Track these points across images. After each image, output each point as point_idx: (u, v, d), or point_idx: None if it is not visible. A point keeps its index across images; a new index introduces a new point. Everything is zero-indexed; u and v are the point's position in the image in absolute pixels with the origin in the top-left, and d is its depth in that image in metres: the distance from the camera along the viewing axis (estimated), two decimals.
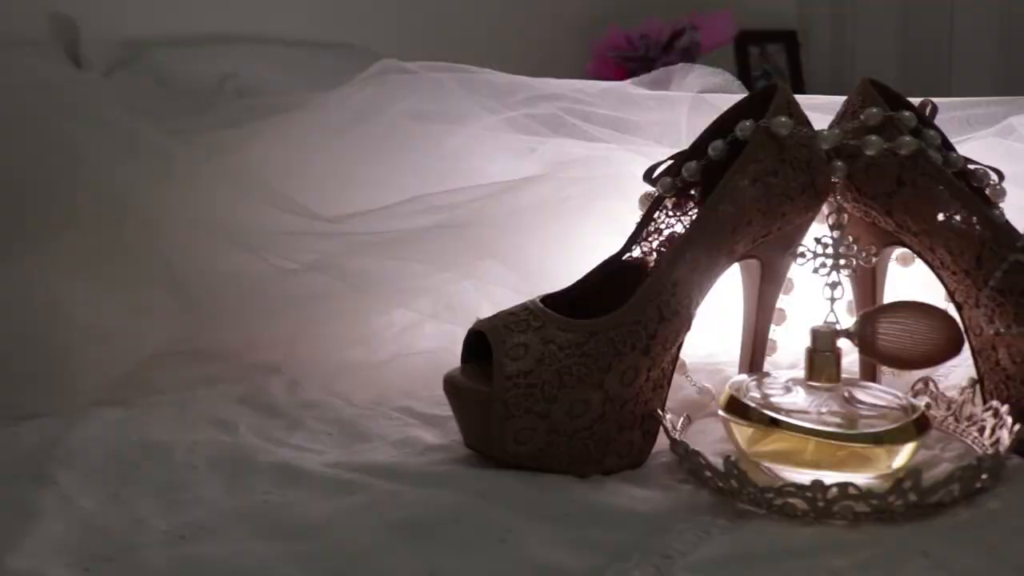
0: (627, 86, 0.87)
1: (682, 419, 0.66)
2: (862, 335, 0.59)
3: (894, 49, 2.07)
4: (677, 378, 0.70)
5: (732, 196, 0.61)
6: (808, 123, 0.64)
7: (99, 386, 0.71)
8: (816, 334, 0.60)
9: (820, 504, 0.52)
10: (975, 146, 0.80)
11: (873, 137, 0.63)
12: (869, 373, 0.69)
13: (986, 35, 1.96)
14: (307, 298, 0.76)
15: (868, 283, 0.69)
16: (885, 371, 0.70)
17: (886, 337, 0.59)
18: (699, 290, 0.61)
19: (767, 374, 0.65)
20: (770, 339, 0.69)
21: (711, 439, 0.64)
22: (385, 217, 0.75)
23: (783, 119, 0.62)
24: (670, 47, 1.79)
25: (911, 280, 0.71)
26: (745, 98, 0.66)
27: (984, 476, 0.55)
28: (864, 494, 0.52)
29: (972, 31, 1.99)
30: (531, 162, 0.81)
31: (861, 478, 0.56)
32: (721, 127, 0.65)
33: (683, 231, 0.65)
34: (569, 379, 0.58)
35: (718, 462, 0.61)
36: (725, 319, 0.74)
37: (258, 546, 0.50)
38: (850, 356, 0.65)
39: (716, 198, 0.61)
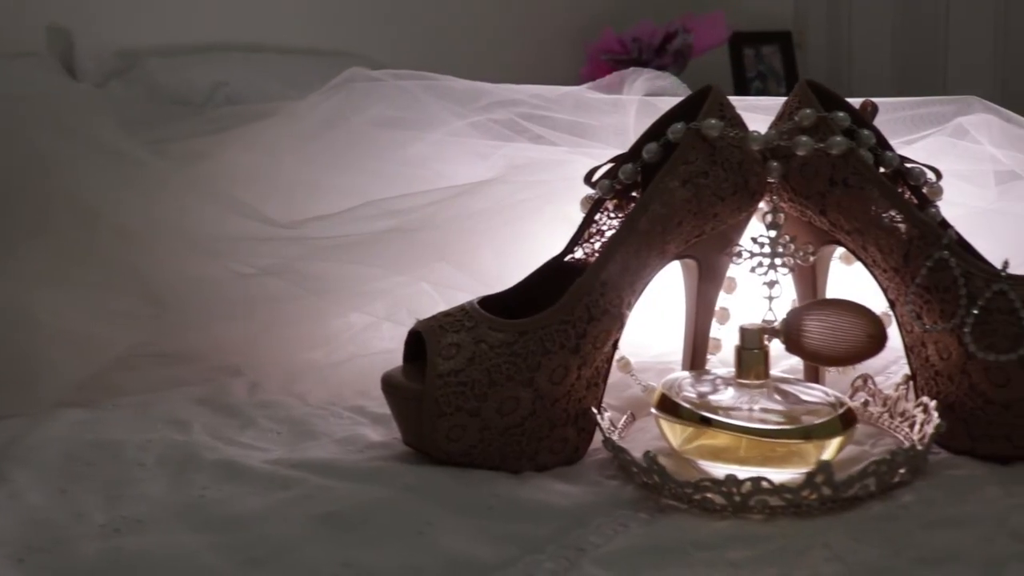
0: (583, 91, 0.88)
1: (625, 417, 0.68)
2: (787, 332, 0.60)
3: (890, 49, 2.07)
4: (624, 377, 0.71)
5: (662, 197, 0.62)
6: (742, 124, 0.65)
7: (64, 388, 0.73)
8: (743, 332, 0.61)
9: (736, 498, 0.54)
10: (927, 144, 0.81)
11: (804, 137, 0.64)
12: (813, 373, 0.70)
13: (981, 35, 1.96)
14: (267, 301, 0.78)
15: (809, 282, 0.70)
16: (830, 370, 0.71)
17: (811, 334, 0.59)
18: (630, 290, 0.62)
19: (704, 372, 0.66)
20: (714, 338, 0.70)
21: (651, 436, 0.65)
22: (341, 222, 0.76)
23: (713, 121, 0.63)
24: (663, 50, 1.80)
25: (861, 279, 0.72)
26: (683, 100, 0.67)
27: (902, 470, 0.56)
28: (777, 488, 0.53)
29: (967, 32, 1.98)
30: (490, 167, 0.82)
31: (792, 474, 0.56)
32: (658, 130, 0.66)
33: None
34: (499, 377, 0.59)
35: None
36: (676, 319, 0.75)
37: (186, 538, 0.52)
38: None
39: (646, 199, 0.62)
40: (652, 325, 0.78)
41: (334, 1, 1.76)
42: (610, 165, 0.67)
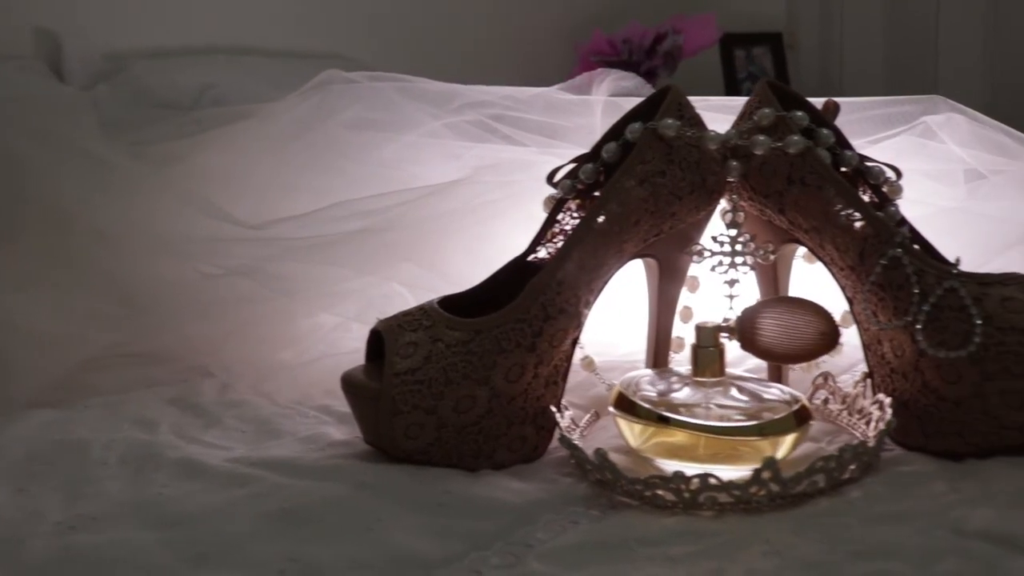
0: (553, 92, 0.89)
1: (588, 416, 0.68)
2: (742, 330, 0.60)
3: (881, 50, 2.07)
4: (590, 376, 0.72)
5: (619, 196, 0.63)
6: (701, 124, 0.65)
7: (35, 389, 0.74)
8: (699, 330, 0.61)
9: (685, 495, 0.54)
10: (895, 144, 0.81)
11: (761, 137, 0.64)
12: (776, 371, 0.70)
13: (972, 37, 1.96)
14: (237, 302, 0.78)
15: (771, 280, 0.70)
16: (794, 368, 0.71)
17: (764, 332, 0.60)
18: (587, 289, 0.63)
19: (665, 370, 0.67)
20: (677, 336, 0.71)
21: (614, 434, 0.66)
22: (310, 223, 0.77)
23: (669, 121, 0.63)
24: (653, 51, 1.80)
25: (823, 277, 0.72)
26: (643, 100, 0.67)
27: (852, 467, 0.56)
28: (725, 485, 0.53)
29: (958, 33, 1.98)
30: (462, 167, 0.83)
31: (746, 471, 0.57)
32: (618, 130, 0.66)
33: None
34: (455, 376, 0.60)
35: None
36: (643, 318, 0.75)
37: (139, 535, 0.53)
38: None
39: (603, 198, 0.63)
40: (620, 324, 0.78)
41: (323, 4, 1.77)
42: (573, 165, 0.68)
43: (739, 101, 0.69)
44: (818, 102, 0.70)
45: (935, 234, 0.74)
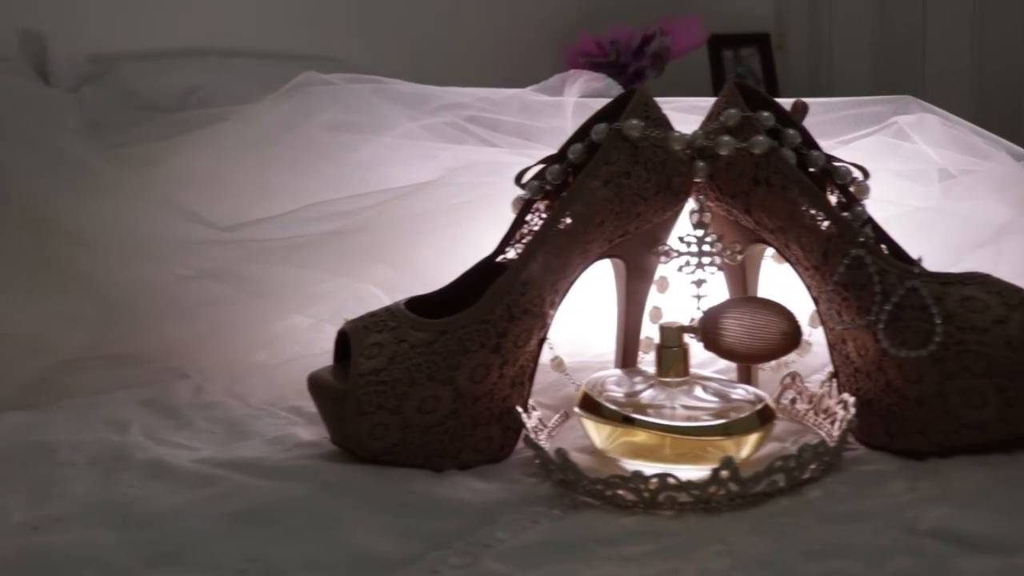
0: (527, 93, 0.89)
1: (557, 416, 0.68)
2: (704, 330, 0.61)
3: (869, 51, 2.07)
4: (559, 376, 0.72)
5: (584, 197, 0.63)
6: (667, 125, 0.66)
7: (9, 391, 0.74)
8: (663, 330, 0.61)
9: (645, 495, 0.54)
10: (868, 144, 0.81)
11: (726, 137, 0.64)
12: (745, 372, 0.70)
13: (958, 38, 1.96)
14: (211, 304, 0.79)
15: (740, 280, 0.70)
16: (763, 368, 0.72)
17: (727, 332, 0.60)
18: (552, 289, 0.63)
19: (633, 370, 0.67)
20: (646, 336, 0.71)
21: (582, 435, 0.66)
22: (282, 224, 0.77)
23: (634, 122, 0.64)
24: (641, 52, 1.80)
25: (792, 277, 0.72)
26: (611, 101, 0.67)
27: (812, 466, 0.56)
28: (684, 485, 0.53)
29: (944, 34, 1.99)
30: (437, 168, 0.83)
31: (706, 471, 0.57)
32: (585, 130, 0.67)
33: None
34: (419, 376, 0.60)
35: (575, 456, 0.63)
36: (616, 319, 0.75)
37: (101, 535, 0.53)
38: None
39: (567, 199, 0.63)
40: (592, 324, 0.79)
41: (312, 5, 1.77)
42: (541, 166, 0.68)
43: (708, 102, 0.69)
44: (788, 103, 0.70)
45: (908, 234, 0.75)
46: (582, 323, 0.77)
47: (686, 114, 0.76)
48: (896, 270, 0.60)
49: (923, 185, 0.82)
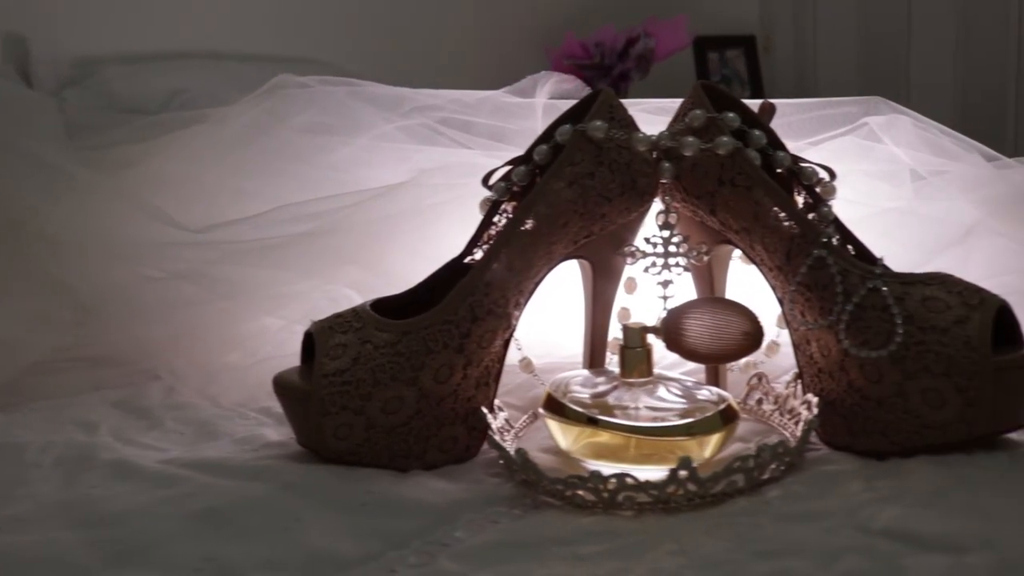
0: (500, 95, 0.89)
1: (525, 416, 0.69)
2: (667, 331, 0.61)
3: (855, 52, 2.08)
4: (528, 377, 0.72)
5: (547, 198, 0.63)
6: (632, 126, 0.66)
7: None
8: (625, 330, 0.62)
9: (605, 495, 0.54)
10: (838, 145, 0.82)
11: (690, 138, 0.65)
12: (712, 374, 0.71)
13: (943, 38, 1.97)
14: (184, 305, 0.79)
15: (707, 281, 0.70)
16: (732, 369, 0.72)
17: (688, 332, 0.60)
18: (516, 290, 0.63)
19: (600, 371, 0.67)
20: (615, 338, 0.71)
21: (548, 435, 0.66)
22: (253, 226, 0.78)
23: (598, 123, 0.64)
24: (626, 54, 1.80)
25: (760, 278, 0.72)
26: (577, 103, 0.68)
27: (772, 466, 0.56)
28: (643, 485, 0.53)
29: (929, 36, 2.00)
30: (411, 171, 0.83)
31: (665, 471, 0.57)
32: (551, 132, 0.67)
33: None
34: (383, 377, 0.60)
35: (540, 456, 0.63)
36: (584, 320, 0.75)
37: (63, 535, 0.53)
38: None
39: (531, 200, 0.63)
40: (564, 325, 0.79)
41: (297, 8, 1.78)
42: (508, 168, 0.68)
43: (676, 103, 0.70)
44: (756, 104, 0.70)
45: (879, 235, 0.75)
46: (553, 324, 0.78)
47: (656, 115, 0.76)
48: (858, 270, 0.60)
49: (895, 186, 0.82)
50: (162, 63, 1.46)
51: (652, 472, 0.55)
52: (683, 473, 0.53)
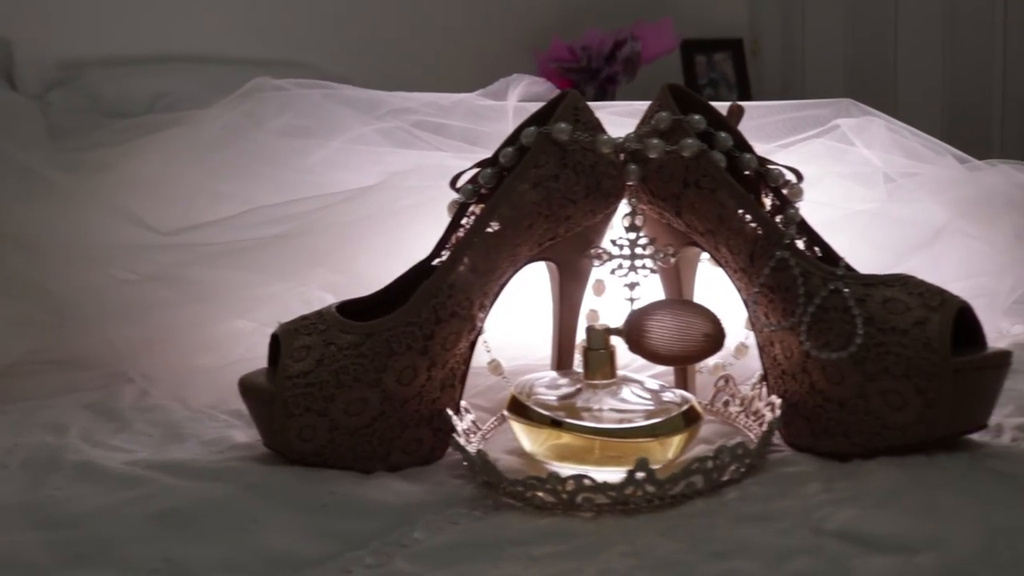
0: (474, 98, 0.89)
1: (493, 418, 0.69)
2: (629, 332, 0.61)
3: (842, 55, 2.09)
4: (498, 380, 0.72)
5: (511, 200, 0.63)
6: (598, 128, 0.66)
7: None
8: (589, 332, 0.62)
9: (564, 496, 0.54)
10: (809, 148, 0.82)
11: (655, 140, 0.65)
12: (681, 376, 0.71)
13: (929, 41, 1.98)
14: (159, 307, 0.79)
15: (675, 283, 0.70)
16: (701, 371, 0.72)
17: (650, 334, 0.60)
18: (481, 293, 0.63)
19: (567, 372, 0.67)
20: (583, 340, 0.71)
21: (514, 436, 0.66)
22: (225, 229, 0.78)
23: (562, 125, 0.64)
24: (612, 57, 1.81)
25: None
26: (544, 105, 0.68)
27: (732, 467, 0.56)
28: (600, 486, 0.54)
29: (916, 38, 2.00)
30: (381, 173, 0.83)
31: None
32: (517, 134, 0.67)
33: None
34: (346, 378, 0.60)
35: (505, 458, 0.63)
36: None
37: (23, 536, 0.53)
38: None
39: (495, 203, 0.63)
40: (536, 327, 0.79)
41: (284, 11, 1.78)
42: (476, 170, 0.68)
43: (644, 106, 0.70)
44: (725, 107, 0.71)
45: (851, 237, 0.75)
46: (525, 326, 0.78)
47: (628, 118, 0.76)
48: (820, 272, 0.60)
49: (868, 188, 0.82)
50: (146, 66, 1.46)
51: (612, 474, 0.55)
52: (640, 475, 0.53)
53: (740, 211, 0.63)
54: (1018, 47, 1.87)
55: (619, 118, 0.77)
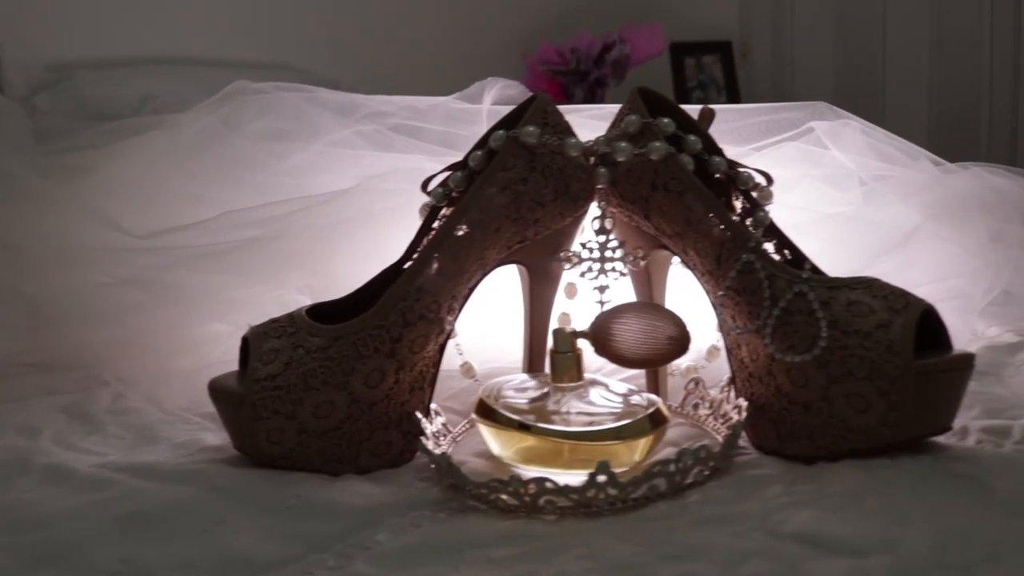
0: (450, 101, 0.90)
1: (465, 421, 0.69)
2: (595, 335, 0.61)
3: (831, 58, 2.09)
4: (471, 383, 0.72)
5: (479, 204, 0.64)
6: (567, 131, 0.66)
7: None
8: (555, 335, 0.62)
9: (526, 499, 0.54)
10: (786, 151, 0.82)
11: (623, 143, 0.65)
12: (653, 379, 0.71)
13: (917, 43, 1.98)
14: (136, 310, 0.79)
15: (646, 286, 0.71)
16: (673, 374, 0.72)
17: (615, 337, 0.60)
18: (449, 296, 0.63)
19: (534, 375, 0.67)
20: None
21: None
22: (200, 232, 0.78)
23: (530, 128, 0.64)
24: (601, 60, 1.81)
25: None
26: (513, 109, 0.68)
27: (696, 470, 0.56)
28: (562, 489, 0.54)
29: (904, 40, 2.01)
30: (358, 176, 0.84)
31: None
32: (488, 137, 0.67)
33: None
34: (314, 381, 0.60)
35: (474, 461, 0.64)
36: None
37: None
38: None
39: (463, 206, 0.64)
40: (512, 330, 0.79)
41: (274, 14, 1.78)
42: (447, 173, 0.68)
43: (610, 109, 0.70)
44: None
45: (826, 240, 0.75)
46: (498, 329, 0.78)
47: (603, 121, 0.76)
48: (785, 275, 0.60)
49: (843, 191, 0.82)
50: (135, 68, 1.47)
51: (579, 477, 0.55)
52: (602, 478, 0.53)
53: (707, 214, 0.63)
54: (1005, 51, 1.88)
55: (595, 121, 0.77)
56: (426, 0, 1.97)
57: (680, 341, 0.60)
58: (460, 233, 0.63)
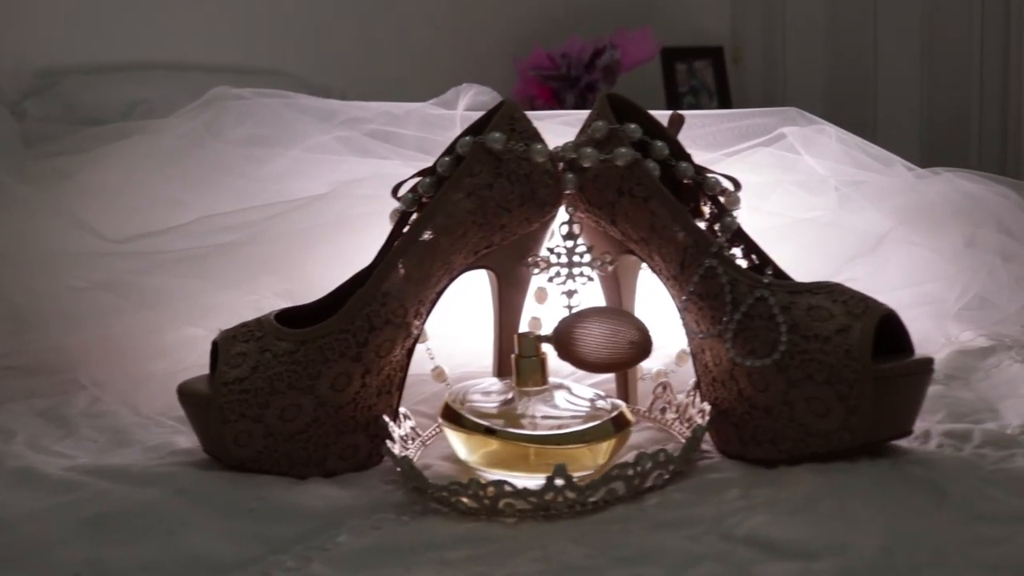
0: (427, 107, 0.90)
1: (435, 425, 0.69)
2: (558, 340, 0.62)
3: (823, 64, 2.10)
4: (442, 387, 0.72)
5: (446, 209, 0.64)
6: (536, 137, 0.67)
7: None
8: (520, 339, 0.62)
9: (486, 502, 0.55)
10: (760, 156, 0.82)
11: (588, 149, 0.65)
12: (623, 384, 0.71)
13: (908, 49, 1.98)
14: (113, 314, 0.80)
15: (615, 291, 0.71)
16: (643, 379, 0.72)
17: (578, 341, 0.61)
18: (415, 300, 0.64)
19: (500, 380, 0.68)
20: None
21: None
22: (175, 237, 0.78)
23: (496, 134, 0.65)
24: (592, 65, 1.82)
25: None
26: (482, 115, 0.69)
27: (656, 474, 0.57)
28: (520, 492, 0.54)
29: (896, 46, 2.01)
30: (334, 182, 0.84)
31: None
32: (455, 144, 0.68)
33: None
34: (280, 385, 0.61)
35: (440, 465, 0.64)
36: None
37: None
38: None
39: (429, 212, 0.64)
40: (484, 334, 0.79)
41: (264, 19, 1.79)
42: (417, 179, 0.69)
43: (583, 115, 0.70)
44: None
45: (800, 245, 0.76)
46: (470, 333, 0.78)
47: (576, 127, 0.77)
48: (746, 280, 0.61)
49: (818, 196, 0.83)
50: (124, 73, 1.48)
51: (533, 480, 0.55)
52: (559, 481, 0.54)
53: (672, 220, 0.63)
54: (995, 58, 1.88)
55: (568, 127, 0.77)
56: (418, 6, 1.97)
57: (642, 346, 0.60)
58: (426, 238, 0.64)
